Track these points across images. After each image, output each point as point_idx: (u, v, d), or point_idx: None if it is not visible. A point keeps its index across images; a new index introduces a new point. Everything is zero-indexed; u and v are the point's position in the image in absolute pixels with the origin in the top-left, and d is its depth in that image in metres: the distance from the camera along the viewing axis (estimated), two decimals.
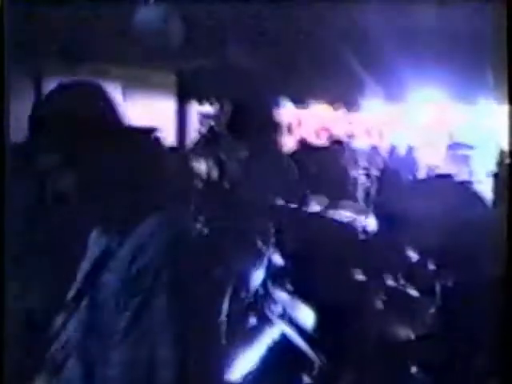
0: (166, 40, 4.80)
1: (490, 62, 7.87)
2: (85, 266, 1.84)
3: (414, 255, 4.58)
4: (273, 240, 3.45)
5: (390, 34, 7.48)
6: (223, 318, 3.42)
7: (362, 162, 11.64)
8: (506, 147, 8.23)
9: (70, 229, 1.91)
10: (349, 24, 7.49)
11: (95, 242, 1.84)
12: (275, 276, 3.60)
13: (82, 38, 8.01)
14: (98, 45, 8.58)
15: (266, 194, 4.46)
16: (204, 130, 13.32)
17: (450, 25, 7.33)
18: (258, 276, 3.42)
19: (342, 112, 13.02)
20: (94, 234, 1.86)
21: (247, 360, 3.28)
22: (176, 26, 4.81)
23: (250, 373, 3.27)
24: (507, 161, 7.99)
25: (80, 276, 1.82)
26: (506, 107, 6.30)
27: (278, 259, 3.48)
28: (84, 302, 1.77)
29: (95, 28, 7.44)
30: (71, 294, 1.80)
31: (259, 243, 3.57)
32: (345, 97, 11.51)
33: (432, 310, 4.07)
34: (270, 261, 3.44)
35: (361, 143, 13.31)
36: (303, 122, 13.64)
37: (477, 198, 5.62)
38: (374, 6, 6.50)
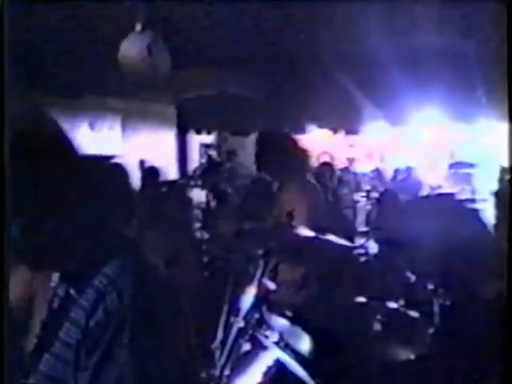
0: (152, 70, 4.79)
1: (486, 80, 7.88)
2: (44, 316, 1.65)
3: (412, 276, 4.57)
4: (262, 263, 3.40)
5: (388, 57, 7.49)
6: (217, 344, 3.39)
7: (364, 185, 11.66)
8: (506, 164, 8.20)
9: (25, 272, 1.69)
10: (347, 48, 7.51)
11: (55, 289, 1.65)
12: (270, 301, 3.57)
13: (79, 68, 8.04)
14: (96, 77, 8.63)
15: (262, 218, 4.45)
16: (204, 159, 13.41)
17: (449, 46, 7.35)
18: (247, 300, 3.38)
19: (342, 136, 13.06)
20: (53, 281, 1.66)
21: None
22: (162, 55, 4.80)
23: None
24: (507, 178, 7.96)
25: (39, 327, 1.64)
26: (505, 124, 6.26)
27: (270, 284, 3.45)
28: (44, 357, 1.60)
29: (91, 60, 7.48)
30: (29, 347, 1.64)
31: (250, 267, 3.54)
32: (345, 121, 11.52)
33: (431, 330, 4.04)
34: (260, 285, 3.40)
35: (362, 166, 13.34)
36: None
37: (476, 217, 5.61)
38: (373, 29, 6.51)
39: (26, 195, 1.56)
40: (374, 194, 9.83)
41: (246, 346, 3.33)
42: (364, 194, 10.45)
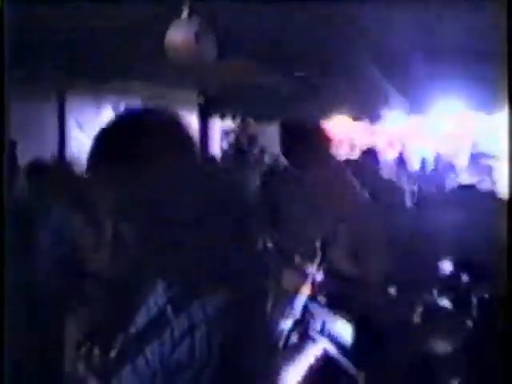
0: (198, 58, 4.77)
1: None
2: (136, 324, 1.55)
3: (447, 268, 4.60)
4: (318, 259, 3.42)
5: (412, 48, 7.52)
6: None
7: (387, 174, 11.61)
8: None
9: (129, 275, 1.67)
10: (371, 37, 7.52)
11: (155, 298, 1.54)
12: (314, 291, 3.59)
13: (103, 53, 8.05)
14: (119, 61, 8.64)
15: (307, 210, 4.44)
16: (225, 145, 13.42)
17: (473, 38, 7.36)
18: (301, 292, 3.42)
19: (364, 123, 13.03)
20: (157, 287, 1.54)
21: (290, 378, 3.27)
22: (209, 42, 4.79)
23: None
24: None
25: (127, 336, 1.55)
26: None
27: (319, 276, 3.48)
28: (125, 368, 1.48)
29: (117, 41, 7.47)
30: (112, 353, 1.55)
31: (304, 263, 3.55)
32: (367, 108, 11.51)
33: (469, 323, 4.08)
34: (314, 279, 3.44)
35: (384, 155, 13.30)
36: None
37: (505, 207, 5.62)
38: (397, 21, 6.54)
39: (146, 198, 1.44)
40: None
41: (295, 338, 3.37)
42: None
